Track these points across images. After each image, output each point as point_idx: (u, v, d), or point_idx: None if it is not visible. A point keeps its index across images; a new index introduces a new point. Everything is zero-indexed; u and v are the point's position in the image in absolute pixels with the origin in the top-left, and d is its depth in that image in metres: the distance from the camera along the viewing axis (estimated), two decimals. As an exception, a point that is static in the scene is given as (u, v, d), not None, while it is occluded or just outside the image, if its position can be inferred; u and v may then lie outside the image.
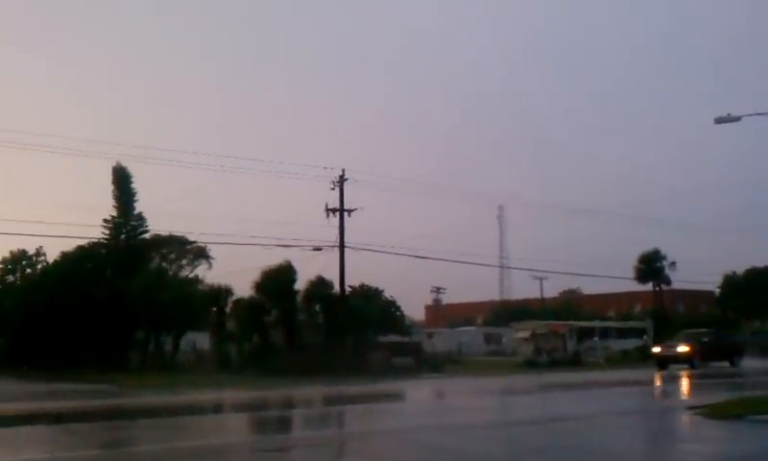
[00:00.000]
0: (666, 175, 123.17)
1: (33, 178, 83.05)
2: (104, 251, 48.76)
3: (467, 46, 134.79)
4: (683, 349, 42.63)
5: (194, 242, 50.31)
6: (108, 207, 48.54)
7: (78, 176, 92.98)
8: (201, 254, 51.48)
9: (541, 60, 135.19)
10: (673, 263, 63.42)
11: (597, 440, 14.70)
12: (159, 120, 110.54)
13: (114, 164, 47.30)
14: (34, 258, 51.57)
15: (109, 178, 48.08)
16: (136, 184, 48.81)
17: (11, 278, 52.29)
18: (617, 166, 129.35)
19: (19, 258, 51.82)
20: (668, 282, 64.51)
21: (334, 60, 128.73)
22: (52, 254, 50.11)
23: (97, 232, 47.90)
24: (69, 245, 47.13)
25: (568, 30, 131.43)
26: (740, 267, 73.45)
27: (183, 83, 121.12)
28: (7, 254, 52.10)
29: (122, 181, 48.23)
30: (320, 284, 46.60)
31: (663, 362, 42.34)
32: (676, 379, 34.39)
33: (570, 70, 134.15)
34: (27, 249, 51.52)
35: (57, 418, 19.65)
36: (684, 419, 18.20)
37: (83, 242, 47.46)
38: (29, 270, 51.75)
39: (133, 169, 48.38)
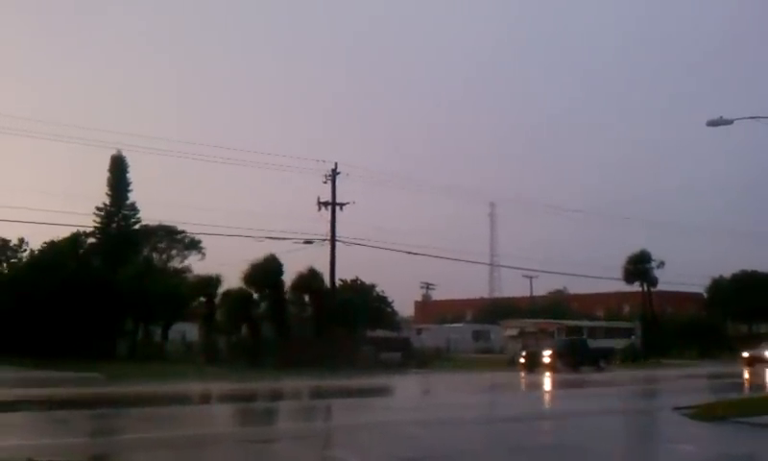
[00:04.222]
0: (657, 177, 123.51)
1: (20, 164, 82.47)
2: (93, 240, 48.62)
3: (461, 43, 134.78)
4: None
5: (184, 232, 50.26)
6: (96, 196, 48.44)
7: (65, 164, 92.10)
8: (192, 245, 51.47)
9: (534, 59, 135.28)
10: (661, 263, 63.67)
11: (576, 439, 14.86)
12: (152, 111, 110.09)
13: (114, 153, 47.28)
14: (17, 248, 50.99)
15: (100, 166, 48.13)
16: (131, 174, 48.90)
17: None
18: (609, 168, 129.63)
19: (2, 248, 51.17)
20: (655, 283, 64.80)
21: (328, 53, 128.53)
22: (37, 243, 49.53)
23: (86, 221, 47.70)
24: (57, 233, 46.84)
25: (560, 29, 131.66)
26: (729, 270, 73.74)
27: (177, 74, 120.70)
28: None
29: (119, 171, 48.21)
30: (310, 277, 46.47)
31: None
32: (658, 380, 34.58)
33: (562, 70, 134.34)
34: (10, 239, 50.71)
35: (43, 405, 19.68)
36: (664, 418, 18.39)
37: (72, 230, 47.22)
38: (13, 260, 51.21)
39: (127, 159, 48.38)
